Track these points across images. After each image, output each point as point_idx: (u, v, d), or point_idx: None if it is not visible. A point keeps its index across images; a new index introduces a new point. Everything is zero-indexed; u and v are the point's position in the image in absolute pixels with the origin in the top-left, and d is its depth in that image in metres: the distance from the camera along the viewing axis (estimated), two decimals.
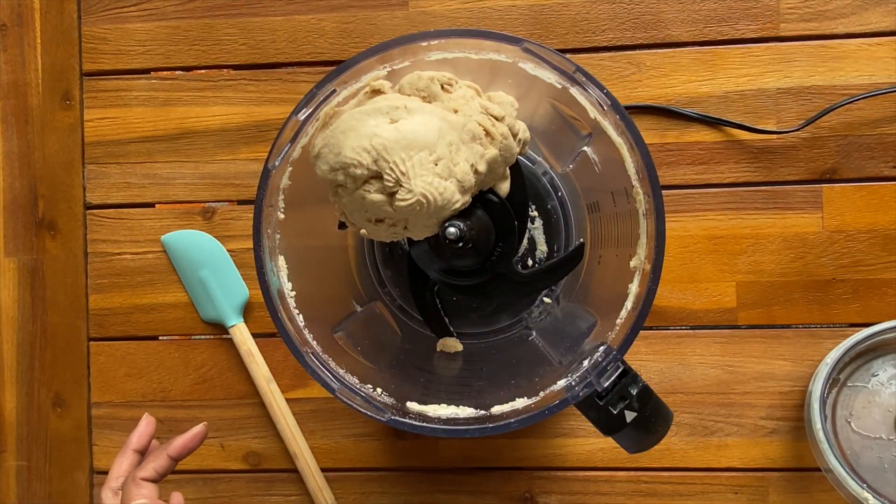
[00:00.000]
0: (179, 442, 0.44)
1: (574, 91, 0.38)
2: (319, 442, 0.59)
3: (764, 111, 0.56)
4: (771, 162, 0.56)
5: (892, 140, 0.56)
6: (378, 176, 0.36)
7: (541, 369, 0.43)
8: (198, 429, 0.45)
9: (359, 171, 0.36)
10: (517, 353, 0.48)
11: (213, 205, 0.60)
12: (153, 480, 0.43)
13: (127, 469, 0.45)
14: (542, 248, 0.50)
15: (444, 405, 0.39)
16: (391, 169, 0.35)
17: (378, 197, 0.36)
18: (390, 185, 0.35)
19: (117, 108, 0.60)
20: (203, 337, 0.60)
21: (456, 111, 0.37)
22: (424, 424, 0.38)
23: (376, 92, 0.38)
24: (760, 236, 0.56)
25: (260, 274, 0.37)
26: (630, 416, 0.36)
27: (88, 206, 0.61)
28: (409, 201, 0.35)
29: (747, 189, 0.56)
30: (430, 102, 0.37)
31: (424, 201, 0.35)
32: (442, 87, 0.38)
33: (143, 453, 0.46)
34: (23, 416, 0.61)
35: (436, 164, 0.35)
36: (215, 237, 0.59)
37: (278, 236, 0.39)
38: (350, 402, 0.38)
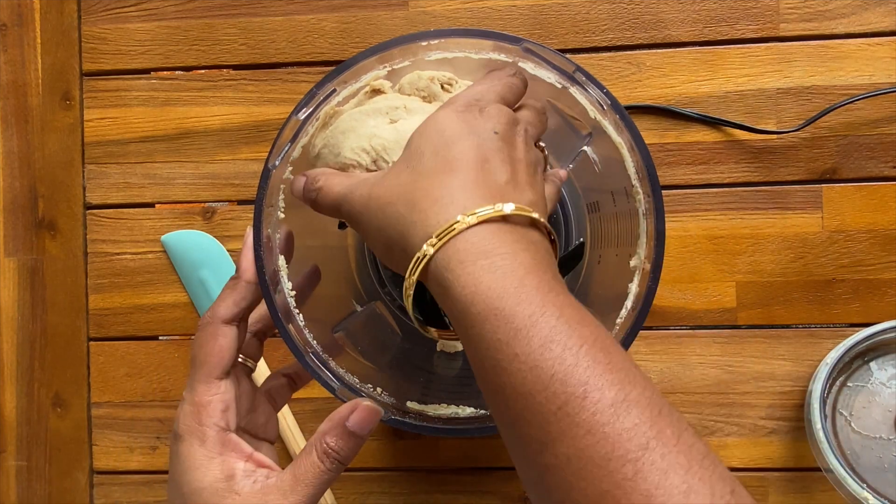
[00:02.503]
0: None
1: (574, 91, 0.38)
2: None
3: (764, 111, 0.56)
4: (771, 162, 0.56)
5: (892, 140, 0.56)
6: None
7: None
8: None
9: (358, 172, 0.35)
10: None
11: (213, 205, 0.60)
12: (231, 321, 0.36)
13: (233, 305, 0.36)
14: None
15: (444, 405, 0.39)
16: None
17: None
18: None
19: (117, 108, 0.60)
20: None
21: None
22: (424, 424, 0.38)
23: (376, 91, 0.38)
24: (760, 236, 0.56)
25: (260, 274, 0.37)
26: None
27: (88, 206, 0.61)
28: None
29: (747, 189, 0.56)
30: (429, 102, 0.37)
31: None
32: (442, 87, 0.38)
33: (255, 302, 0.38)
34: (23, 416, 0.61)
35: None
36: (215, 237, 0.59)
37: (278, 236, 0.39)
38: None
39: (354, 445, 0.35)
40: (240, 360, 0.39)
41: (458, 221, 0.28)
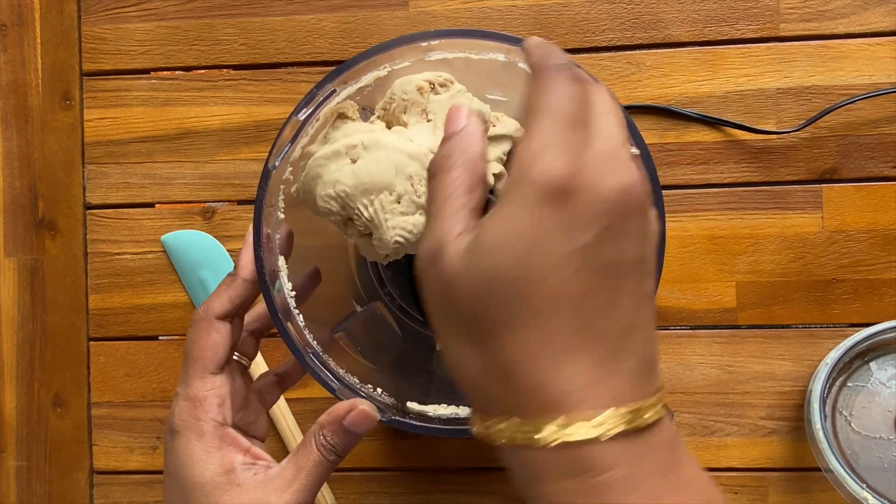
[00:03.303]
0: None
1: None
2: None
3: (764, 111, 0.56)
4: (771, 162, 0.56)
5: (892, 140, 0.56)
6: (352, 219, 0.35)
7: None
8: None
9: (333, 219, 0.35)
10: None
11: (213, 205, 0.60)
12: (225, 317, 0.36)
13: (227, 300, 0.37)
14: None
15: (444, 405, 0.39)
16: (357, 215, 0.34)
17: (360, 240, 0.36)
18: (362, 230, 0.35)
19: (117, 108, 0.60)
20: None
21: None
22: (424, 424, 0.38)
23: (342, 116, 0.37)
24: (760, 236, 0.56)
25: (260, 274, 0.37)
26: None
27: (88, 206, 0.61)
28: (386, 249, 0.35)
29: (747, 189, 0.56)
30: (390, 127, 0.36)
31: (399, 245, 0.35)
32: (437, 87, 0.37)
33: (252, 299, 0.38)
34: (23, 416, 0.61)
35: (398, 202, 0.34)
36: (215, 237, 0.59)
37: (278, 236, 0.39)
38: None
39: (351, 441, 0.35)
40: (234, 357, 0.39)
41: (543, 434, 0.25)
